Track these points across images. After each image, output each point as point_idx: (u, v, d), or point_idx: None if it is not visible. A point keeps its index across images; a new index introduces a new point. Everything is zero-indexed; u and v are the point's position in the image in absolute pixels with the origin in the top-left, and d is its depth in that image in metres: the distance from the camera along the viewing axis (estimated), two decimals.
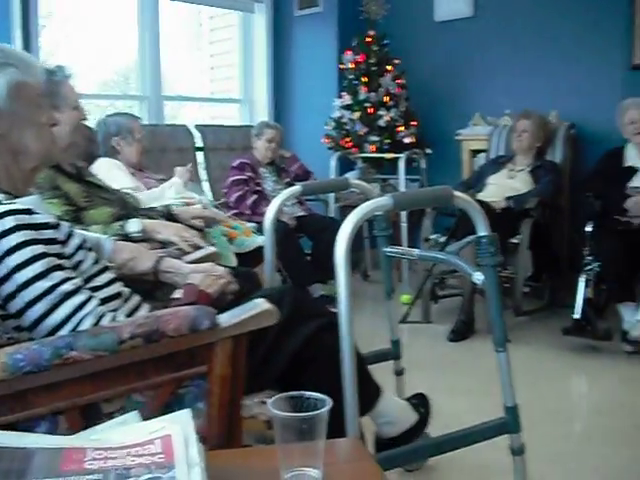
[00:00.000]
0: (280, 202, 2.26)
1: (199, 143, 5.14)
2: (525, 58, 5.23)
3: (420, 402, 2.14)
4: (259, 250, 2.53)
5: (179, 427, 0.97)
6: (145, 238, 2.35)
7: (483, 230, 1.68)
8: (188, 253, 2.18)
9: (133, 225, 2.40)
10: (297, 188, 2.30)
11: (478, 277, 1.69)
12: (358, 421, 1.66)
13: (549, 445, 2.55)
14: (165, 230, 2.40)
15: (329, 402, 1.01)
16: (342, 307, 1.58)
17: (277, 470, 0.97)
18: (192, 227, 2.69)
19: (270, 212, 2.25)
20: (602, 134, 4.61)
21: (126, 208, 2.61)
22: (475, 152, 5.17)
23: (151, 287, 1.78)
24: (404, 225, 4.80)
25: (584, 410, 3.18)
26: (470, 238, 1.74)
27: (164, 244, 2.32)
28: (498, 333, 1.75)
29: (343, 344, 1.59)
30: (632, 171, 3.94)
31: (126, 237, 2.29)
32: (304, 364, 1.69)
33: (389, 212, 1.65)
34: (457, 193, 1.67)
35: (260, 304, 1.31)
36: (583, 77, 4.93)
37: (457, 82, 5.60)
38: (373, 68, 5.38)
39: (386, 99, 5.33)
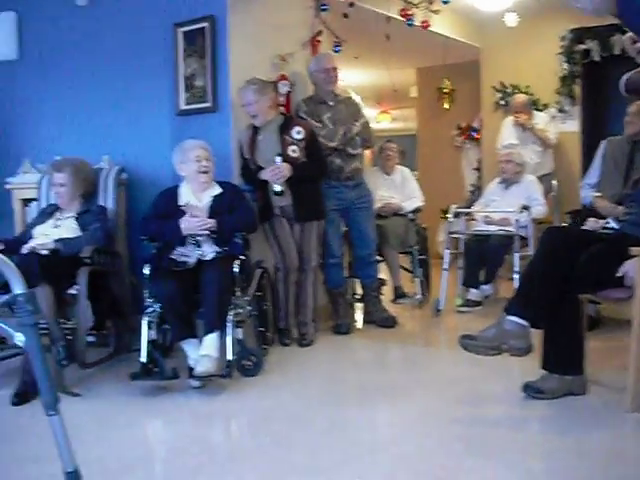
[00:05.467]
0: None
1: None
2: (76, 104, 5.20)
3: None
4: None
5: None
6: None
7: (19, 288, 1.56)
8: None
9: None
10: None
11: (19, 339, 1.56)
12: None
13: None
14: None
15: None
16: None
17: None
18: None
19: None
20: (155, 177, 4.73)
21: None
22: (27, 201, 4.92)
23: None
24: None
25: (161, 451, 3.15)
26: (5, 297, 1.59)
27: None
28: (46, 396, 1.64)
29: None
30: None
31: None
32: None
33: None
34: None
35: None
36: (133, 124, 5.01)
37: (4, 128, 5.35)
38: None
39: None
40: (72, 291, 3.85)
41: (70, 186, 4.32)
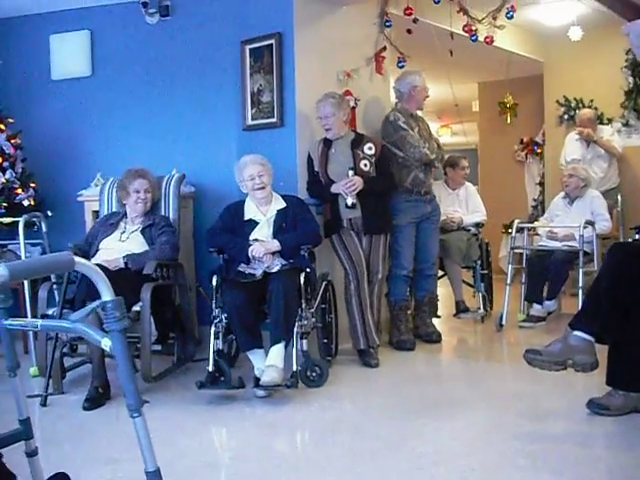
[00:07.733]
0: None
1: None
2: (146, 119, 5.34)
3: None
4: None
5: None
6: None
7: (107, 295, 1.64)
8: None
9: None
10: None
11: (106, 343, 1.64)
12: None
13: None
14: None
15: None
16: None
17: None
18: None
19: None
20: (222, 190, 4.84)
21: None
22: (98, 213, 5.06)
23: None
24: (27, 293, 4.52)
25: (226, 458, 3.22)
26: (95, 304, 1.67)
27: None
28: (131, 398, 1.70)
29: None
30: (252, 224, 4.18)
31: None
32: None
33: (5, 283, 1.52)
34: (78, 259, 1.61)
35: None
36: (202, 138, 5.16)
37: (77, 142, 5.50)
38: None
39: None
40: (136, 308, 3.89)
41: (152, 192, 4.45)
